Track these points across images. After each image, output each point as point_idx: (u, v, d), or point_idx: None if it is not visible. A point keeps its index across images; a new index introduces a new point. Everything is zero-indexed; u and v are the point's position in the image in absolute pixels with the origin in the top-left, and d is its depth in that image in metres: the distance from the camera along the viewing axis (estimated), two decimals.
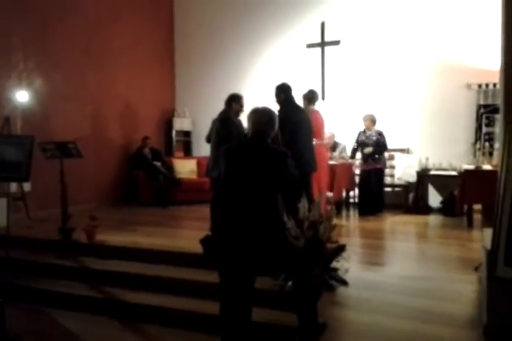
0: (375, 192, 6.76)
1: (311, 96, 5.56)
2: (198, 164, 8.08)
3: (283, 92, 4.74)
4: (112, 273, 4.25)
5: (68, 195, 4.92)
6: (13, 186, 5.43)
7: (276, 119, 2.86)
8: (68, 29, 6.85)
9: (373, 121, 6.83)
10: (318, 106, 5.70)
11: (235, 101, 5.11)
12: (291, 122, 4.54)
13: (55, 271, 4.47)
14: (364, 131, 6.88)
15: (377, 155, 6.75)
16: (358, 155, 7.02)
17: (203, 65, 8.77)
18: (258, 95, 7.62)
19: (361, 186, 6.89)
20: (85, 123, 7.24)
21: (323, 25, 7.85)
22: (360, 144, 6.87)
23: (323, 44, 7.88)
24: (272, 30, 8.20)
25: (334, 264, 3.34)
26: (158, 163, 7.72)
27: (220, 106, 5.22)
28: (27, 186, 5.80)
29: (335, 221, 3.21)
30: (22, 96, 5.88)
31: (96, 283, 4.22)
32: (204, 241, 2.73)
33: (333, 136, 7.19)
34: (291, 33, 8.11)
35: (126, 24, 7.89)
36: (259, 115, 2.84)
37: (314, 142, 5.02)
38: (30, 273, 4.51)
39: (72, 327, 3.60)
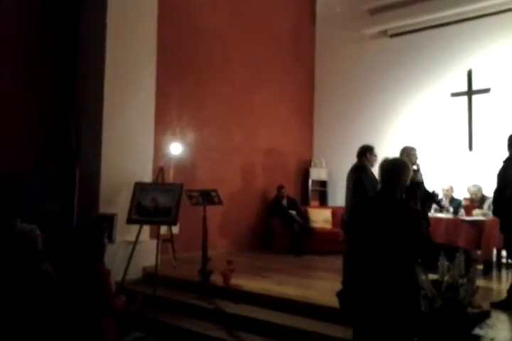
0: None
1: None
2: (333, 214, 8.05)
3: (508, 144, 4.53)
4: (243, 318, 4.37)
5: (209, 239, 5.27)
6: (163, 229, 5.97)
7: (407, 170, 2.73)
8: (217, 91, 7.63)
9: None
10: None
11: (369, 152, 5.11)
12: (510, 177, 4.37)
13: (193, 310, 4.74)
14: None
15: None
16: None
17: (342, 117, 8.90)
18: (399, 146, 7.47)
19: None
20: (228, 173, 7.79)
21: (470, 73, 7.52)
22: None
23: (470, 92, 7.52)
24: (414, 80, 8.07)
25: (477, 332, 3.00)
26: (294, 212, 7.87)
27: None
28: (175, 229, 6.33)
29: (480, 282, 2.93)
30: (175, 149, 6.59)
31: (228, 326, 4.37)
32: (340, 295, 2.69)
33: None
34: (434, 82, 7.87)
35: (268, 85, 8.47)
36: (386, 165, 2.79)
37: None
38: (172, 310, 4.84)
39: None
